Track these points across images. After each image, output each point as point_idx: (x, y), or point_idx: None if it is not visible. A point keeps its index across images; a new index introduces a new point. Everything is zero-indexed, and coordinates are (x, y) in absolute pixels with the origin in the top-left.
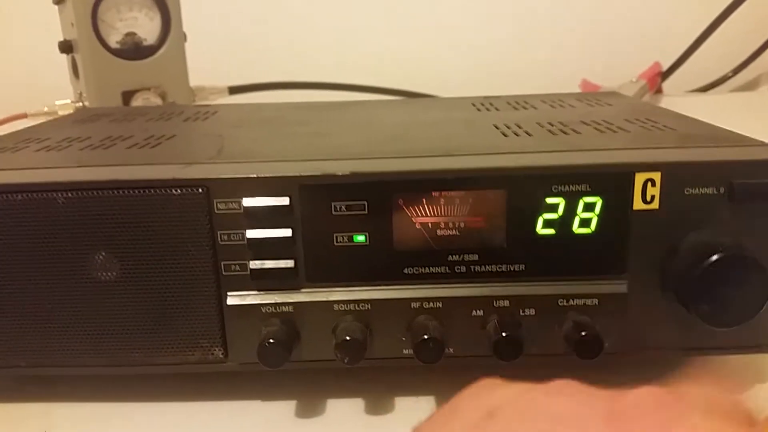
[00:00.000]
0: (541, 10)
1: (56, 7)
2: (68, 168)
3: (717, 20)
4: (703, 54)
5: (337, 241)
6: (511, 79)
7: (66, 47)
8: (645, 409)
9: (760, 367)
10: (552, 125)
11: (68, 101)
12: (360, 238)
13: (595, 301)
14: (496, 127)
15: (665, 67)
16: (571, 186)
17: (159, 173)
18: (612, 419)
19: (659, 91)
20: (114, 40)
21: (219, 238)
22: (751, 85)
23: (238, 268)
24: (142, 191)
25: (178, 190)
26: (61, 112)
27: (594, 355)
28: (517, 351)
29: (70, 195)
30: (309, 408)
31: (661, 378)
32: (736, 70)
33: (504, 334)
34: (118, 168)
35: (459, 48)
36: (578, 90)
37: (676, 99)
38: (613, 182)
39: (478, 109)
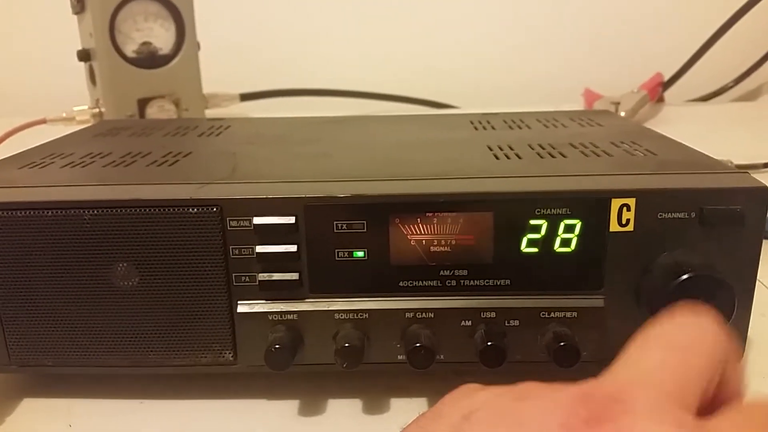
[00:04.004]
0: (546, 21)
1: (75, 17)
2: (93, 186)
3: (719, 31)
4: (705, 64)
5: (338, 256)
6: (516, 88)
7: (84, 56)
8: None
9: None
10: (542, 148)
11: (85, 107)
12: (359, 253)
13: (574, 314)
14: (490, 149)
15: (667, 76)
16: (552, 209)
17: (177, 193)
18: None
19: (661, 100)
20: (130, 49)
21: (231, 253)
22: (752, 95)
23: (247, 279)
24: (161, 209)
25: (194, 209)
26: (78, 118)
27: (571, 363)
28: (500, 359)
29: (95, 212)
30: (311, 407)
31: None
32: (738, 80)
33: (489, 343)
34: (139, 187)
35: (467, 59)
36: (581, 99)
37: (677, 109)
38: (591, 206)
39: (476, 128)
